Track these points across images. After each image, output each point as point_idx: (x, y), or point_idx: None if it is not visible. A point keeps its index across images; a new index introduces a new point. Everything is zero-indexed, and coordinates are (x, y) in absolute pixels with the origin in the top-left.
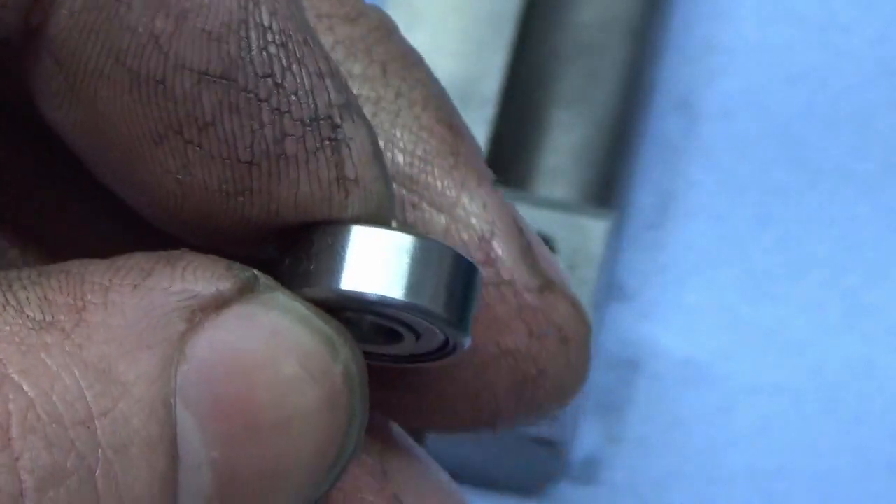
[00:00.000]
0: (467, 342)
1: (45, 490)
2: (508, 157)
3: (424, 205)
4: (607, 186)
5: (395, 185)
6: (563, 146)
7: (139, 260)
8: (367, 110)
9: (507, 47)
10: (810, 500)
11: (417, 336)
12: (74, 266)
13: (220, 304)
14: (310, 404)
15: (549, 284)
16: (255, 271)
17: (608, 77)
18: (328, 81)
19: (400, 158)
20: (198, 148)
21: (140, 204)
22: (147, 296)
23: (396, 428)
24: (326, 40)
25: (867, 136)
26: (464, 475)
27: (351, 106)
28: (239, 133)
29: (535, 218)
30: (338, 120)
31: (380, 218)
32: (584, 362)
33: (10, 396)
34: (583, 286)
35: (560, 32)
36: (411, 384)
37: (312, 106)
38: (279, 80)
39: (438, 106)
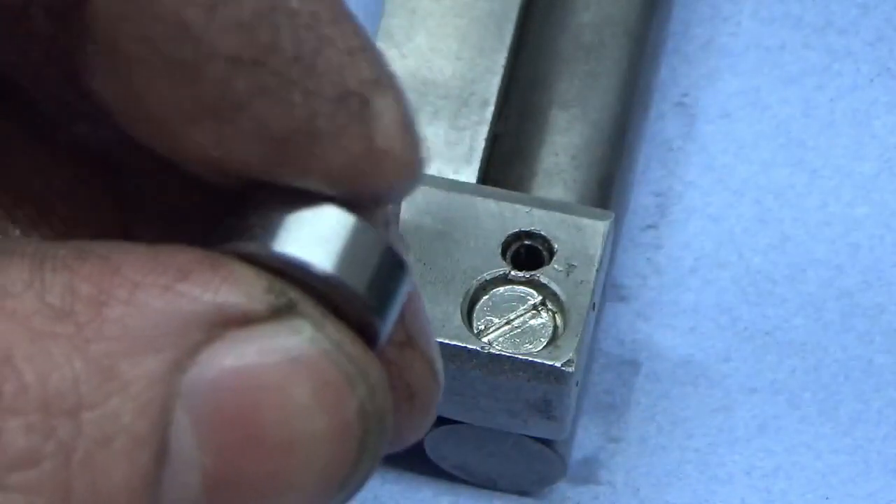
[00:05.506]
0: (383, 331)
1: (13, 469)
2: (507, 158)
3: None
4: (606, 187)
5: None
6: (562, 147)
7: (182, 258)
8: None
9: (507, 48)
10: (809, 499)
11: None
12: (115, 252)
13: (245, 321)
14: (317, 432)
15: (409, 341)
16: (295, 295)
17: (607, 78)
18: (359, 57)
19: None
20: (232, 126)
21: (179, 162)
22: (174, 300)
23: None
24: None
25: (865, 137)
26: (464, 475)
27: (381, 80)
28: (271, 114)
29: (534, 219)
30: (367, 96)
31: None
32: (426, 420)
33: (8, 378)
34: (581, 287)
35: (559, 33)
36: None
37: (342, 84)
38: (309, 62)
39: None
